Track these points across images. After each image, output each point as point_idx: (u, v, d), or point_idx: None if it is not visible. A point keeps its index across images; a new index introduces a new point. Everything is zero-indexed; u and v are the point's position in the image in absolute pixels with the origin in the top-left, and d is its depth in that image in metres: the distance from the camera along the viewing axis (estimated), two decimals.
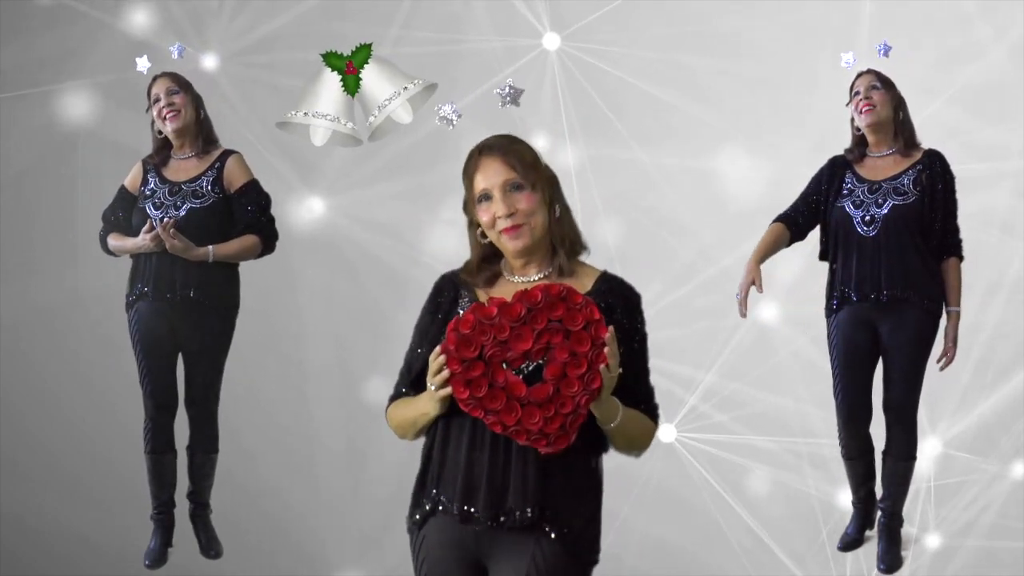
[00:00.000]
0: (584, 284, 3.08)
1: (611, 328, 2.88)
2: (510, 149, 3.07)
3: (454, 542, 3.03)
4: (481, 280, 3.11)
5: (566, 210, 3.13)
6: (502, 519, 2.96)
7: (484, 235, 3.10)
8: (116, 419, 5.43)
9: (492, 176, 3.05)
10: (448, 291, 3.13)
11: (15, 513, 5.31)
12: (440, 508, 3.02)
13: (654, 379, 3.10)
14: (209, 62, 5.47)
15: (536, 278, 3.10)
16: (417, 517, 3.07)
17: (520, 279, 3.11)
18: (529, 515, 2.95)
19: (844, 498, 5.34)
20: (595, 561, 3.08)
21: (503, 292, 3.05)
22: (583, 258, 3.15)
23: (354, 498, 5.37)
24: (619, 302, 3.06)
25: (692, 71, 5.41)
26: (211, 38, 5.48)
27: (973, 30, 5.48)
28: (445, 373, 2.87)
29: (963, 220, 4.97)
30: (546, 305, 2.87)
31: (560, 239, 3.10)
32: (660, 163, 5.55)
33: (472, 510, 2.97)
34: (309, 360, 5.62)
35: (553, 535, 2.97)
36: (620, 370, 2.91)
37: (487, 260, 3.15)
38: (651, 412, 3.09)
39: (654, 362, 3.08)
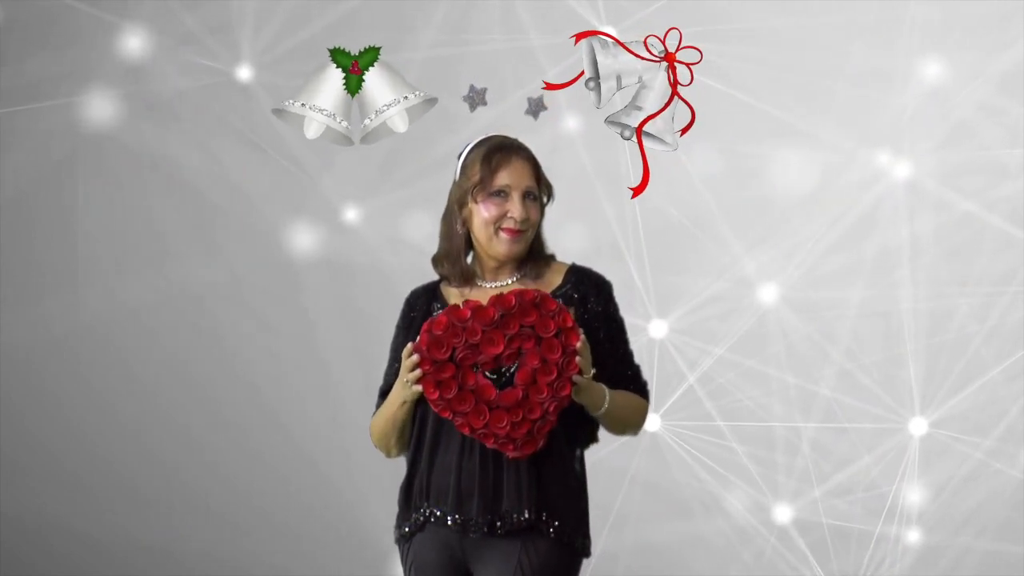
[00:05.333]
0: (553, 281, 3.14)
1: (583, 336, 2.92)
2: (532, 157, 3.14)
3: (442, 549, 3.06)
4: (458, 273, 3.14)
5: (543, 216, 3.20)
6: (498, 524, 2.98)
7: (463, 224, 3.12)
8: (116, 419, 5.44)
9: (518, 178, 3.09)
10: (420, 304, 3.18)
11: (15, 513, 5.34)
12: (432, 520, 3.05)
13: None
14: (244, 73, 5.43)
15: (509, 282, 3.14)
16: (406, 530, 3.11)
17: (491, 284, 3.15)
18: (526, 517, 2.97)
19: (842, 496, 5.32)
20: (587, 555, 3.11)
21: (477, 298, 3.07)
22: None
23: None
24: (591, 291, 3.12)
25: (747, 66, 5.36)
26: (240, 48, 5.45)
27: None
28: (417, 372, 2.91)
29: None
30: (519, 310, 2.89)
31: (537, 244, 3.17)
32: (707, 158, 5.49)
33: (466, 520, 3.00)
34: (342, 371, 5.57)
35: (545, 533, 2.99)
36: (593, 370, 2.96)
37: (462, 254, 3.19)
38: (640, 390, 3.14)
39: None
